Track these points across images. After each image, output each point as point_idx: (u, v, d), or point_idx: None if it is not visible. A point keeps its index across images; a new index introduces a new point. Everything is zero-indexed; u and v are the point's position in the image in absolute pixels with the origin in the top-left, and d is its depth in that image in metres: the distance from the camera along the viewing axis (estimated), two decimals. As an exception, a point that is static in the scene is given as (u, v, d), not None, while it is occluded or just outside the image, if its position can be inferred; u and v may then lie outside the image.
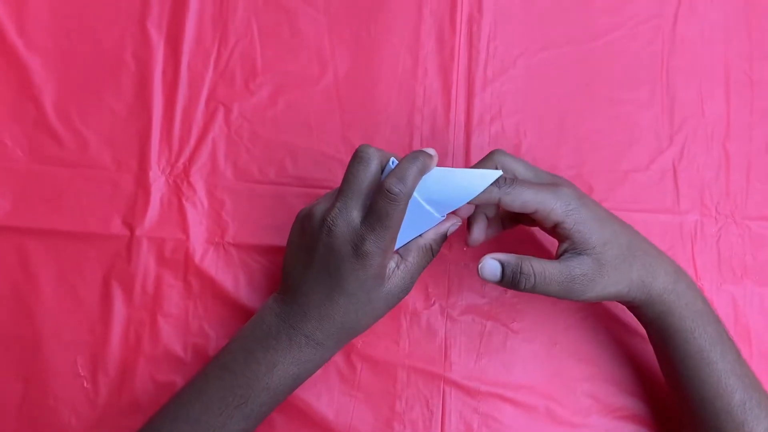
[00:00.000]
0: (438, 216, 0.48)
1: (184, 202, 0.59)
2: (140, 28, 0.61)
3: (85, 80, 0.60)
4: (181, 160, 0.59)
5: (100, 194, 0.58)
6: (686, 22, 0.63)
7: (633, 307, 0.52)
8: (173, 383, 0.56)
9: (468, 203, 0.47)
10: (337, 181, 0.59)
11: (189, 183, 0.59)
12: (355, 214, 0.46)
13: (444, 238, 0.50)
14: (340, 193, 0.47)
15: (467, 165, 0.60)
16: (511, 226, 0.54)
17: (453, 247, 0.59)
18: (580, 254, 0.48)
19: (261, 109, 0.60)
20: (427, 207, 0.47)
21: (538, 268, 0.47)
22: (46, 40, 0.61)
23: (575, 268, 0.47)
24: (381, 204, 0.45)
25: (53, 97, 0.60)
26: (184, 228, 0.58)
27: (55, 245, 0.57)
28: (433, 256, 0.50)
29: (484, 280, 0.49)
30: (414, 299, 0.58)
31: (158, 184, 0.59)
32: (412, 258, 0.49)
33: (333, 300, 0.47)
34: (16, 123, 0.59)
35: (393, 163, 0.47)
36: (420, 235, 0.49)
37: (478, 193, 0.47)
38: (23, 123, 0.59)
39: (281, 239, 0.58)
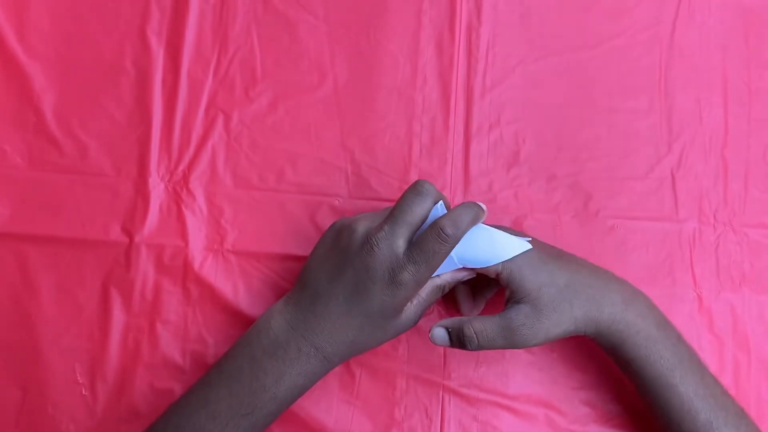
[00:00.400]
0: (458, 264, 0.50)
1: (183, 209, 0.59)
2: (140, 35, 0.61)
3: (85, 87, 0.60)
4: (181, 167, 0.59)
5: (100, 201, 0.58)
6: (684, 30, 0.63)
7: (589, 338, 0.52)
8: (172, 390, 0.56)
9: None
10: (337, 188, 0.59)
11: (188, 190, 0.59)
12: (401, 243, 0.47)
13: (456, 283, 0.52)
14: (390, 218, 0.48)
15: (465, 173, 0.60)
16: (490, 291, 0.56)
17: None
18: (518, 302, 0.49)
19: (261, 116, 0.60)
20: (452, 254, 0.49)
21: (478, 327, 0.49)
22: (47, 47, 0.61)
23: (514, 319, 0.49)
24: (431, 241, 0.47)
25: (53, 104, 0.60)
26: (183, 235, 0.58)
27: (55, 252, 0.57)
28: (441, 294, 0.52)
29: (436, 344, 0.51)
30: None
31: (158, 191, 0.59)
32: (426, 295, 0.50)
33: (352, 317, 0.48)
34: (16, 130, 0.59)
35: (441, 206, 0.49)
36: (438, 276, 0.50)
37: (504, 259, 0.49)
38: (23, 130, 0.59)
39: (280, 246, 0.58)
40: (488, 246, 0.49)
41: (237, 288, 0.58)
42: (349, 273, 0.48)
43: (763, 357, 0.58)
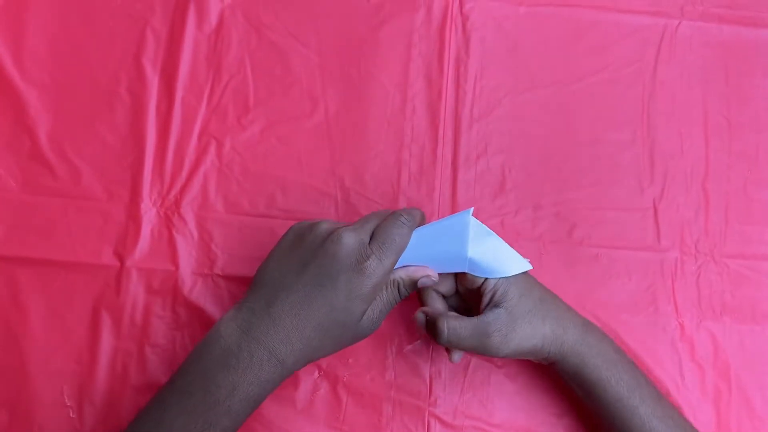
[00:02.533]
0: (467, 269, 0.51)
1: (174, 233, 0.59)
2: (135, 63, 0.62)
3: (80, 113, 0.61)
4: (173, 193, 0.60)
5: (92, 225, 0.59)
6: (666, 66, 0.65)
7: (551, 363, 0.53)
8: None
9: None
10: (327, 214, 0.60)
11: (180, 215, 0.60)
12: (366, 236, 0.49)
13: (414, 285, 0.51)
14: (357, 221, 0.51)
15: (453, 201, 0.61)
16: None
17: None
18: (498, 306, 0.50)
19: (252, 143, 0.62)
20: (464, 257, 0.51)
21: (452, 324, 0.50)
22: (43, 74, 0.62)
23: (491, 323, 0.50)
24: (391, 227, 0.49)
25: (48, 129, 0.61)
26: (174, 259, 0.59)
27: (45, 275, 0.58)
28: (400, 297, 0.51)
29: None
30: (400, 332, 0.58)
31: (149, 215, 0.59)
32: (385, 297, 0.50)
33: (312, 314, 0.47)
34: (11, 154, 0.60)
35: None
36: (398, 273, 0.51)
37: (508, 275, 0.51)
38: (17, 154, 0.60)
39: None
40: (498, 257, 0.51)
41: (226, 312, 0.58)
42: (313, 266, 0.47)
43: (744, 385, 0.59)
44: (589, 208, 0.62)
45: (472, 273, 0.51)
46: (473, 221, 0.51)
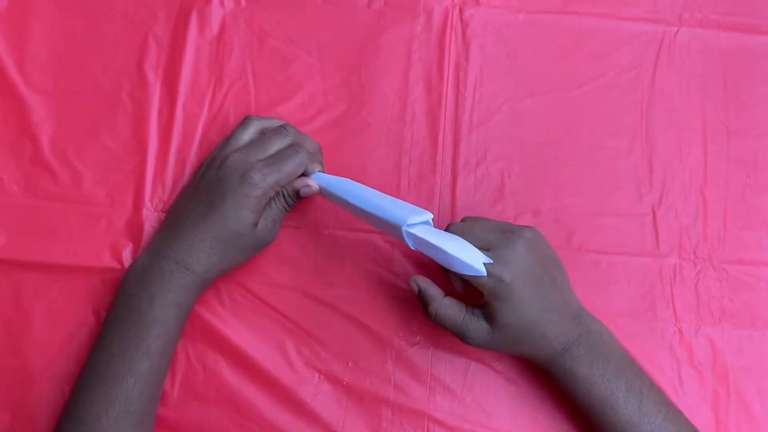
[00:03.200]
0: (403, 225, 0.51)
1: (175, 238, 0.60)
2: (138, 69, 0.63)
3: (83, 118, 0.62)
4: (174, 198, 0.60)
5: (94, 229, 0.59)
6: (665, 73, 0.65)
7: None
8: (161, 417, 0.56)
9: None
10: (325, 219, 0.61)
11: (181, 220, 0.60)
12: (254, 156, 0.55)
13: (296, 194, 0.56)
14: (259, 140, 0.57)
15: (452, 207, 0.61)
16: None
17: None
18: (483, 319, 0.52)
19: (253, 149, 0.62)
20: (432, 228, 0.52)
21: (441, 312, 0.52)
22: (46, 79, 0.62)
23: (472, 330, 0.52)
24: (283, 155, 0.55)
25: (50, 135, 0.61)
26: (175, 264, 0.59)
27: (47, 278, 0.58)
28: (288, 205, 0.57)
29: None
30: (400, 336, 0.59)
31: (151, 220, 0.60)
32: (272, 205, 0.56)
33: (208, 226, 0.53)
34: (13, 159, 0.61)
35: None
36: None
37: (462, 271, 0.51)
38: (20, 159, 0.61)
39: (270, 277, 0.59)
40: (461, 248, 0.50)
41: (226, 317, 0.58)
42: (203, 188, 0.56)
43: (742, 390, 0.59)
44: (588, 213, 0.62)
45: (413, 247, 0.52)
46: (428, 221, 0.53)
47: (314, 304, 0.59)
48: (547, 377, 0.56)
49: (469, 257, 0.50)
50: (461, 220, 0.55)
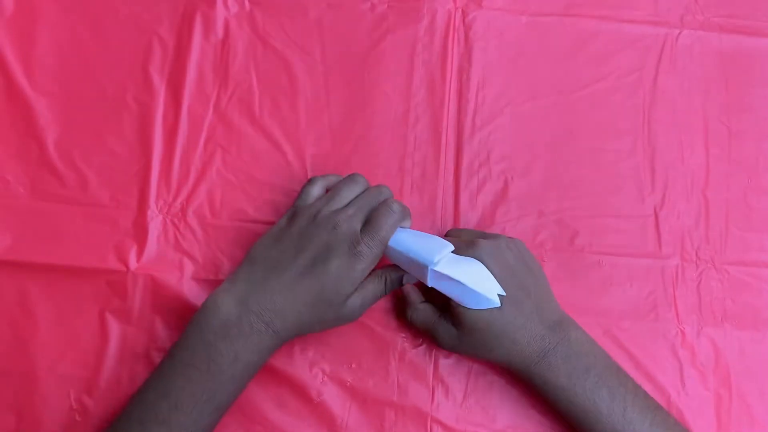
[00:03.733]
0: (430, 265, 0.52)
1: (180, 240, 0.60)
2: (143, 72, 0.63)
3: (88, 121, 0.62)
4: (179, 200, 0.61)
5: (99, 231, 0.60)
6: (667, 75, 0.66)
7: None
8: (165, 418, 0.56)
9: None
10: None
11: (186, 222, 0.60)
12: (358, 224, 0.53)
13: (399, 281, 0.56)
14: (352, 204, 0.54)
15: (455, 209, 0.62)
16: None
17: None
18: (452, 323, 0.54)
19: (258, 151, 0.62)
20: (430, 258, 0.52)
21: (415, 316, 0.56)
22: (52, 83, 0.63)
23: (441, 333, 0.55)
24: (381, 218, 0.53)
25: (56, 137, 0.62)
26: (180, 266, 0.59)
27: (53, 280, 0.59)
28: (386, 291, 0.55)
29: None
30: (403, 338, 0.59)
31: (156, 222, 0.60)
32: (369, 284, 0.54)
33: (305, 293, 0.51)
34: (19, 161, 0.61)
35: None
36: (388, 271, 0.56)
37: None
38: (26, 161, 0.61)
39: (274, 278, 0.60)
40: (480, 278, 0.52)
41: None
42: (308, 249, 0.51)
43: (744, 392, 0.59)
44: (591, 215, 0.62)
45: (438, 289, 0.53)
46: (450, 253, 0.53)
47: (318, 306, 0.59)
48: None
49: (485, 288, 0.51)
50: (445, 234, 0.58)
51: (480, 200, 0.62)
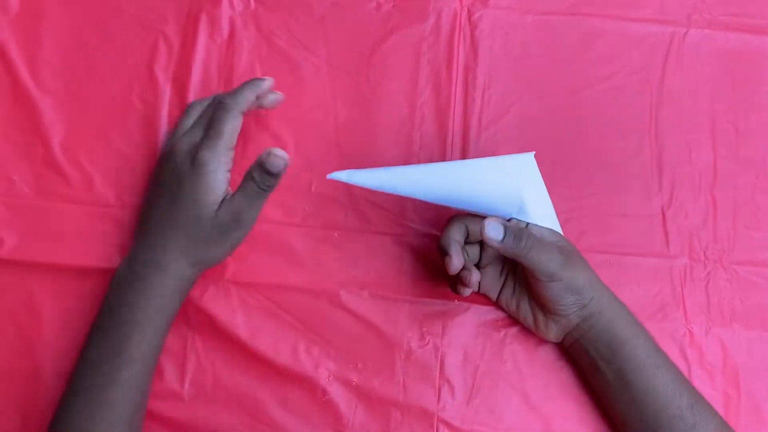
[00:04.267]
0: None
1: (185, 240, 0.60)
2: (148, 72, 0.63)
3: (94, 121, 0.62)
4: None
5: (104, 231, 0.60)
6: (674, 74, 0.65)
7: (584, 325, 0.54)
8: (171, 418, 0.56)
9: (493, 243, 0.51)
10: (335, 221, 0.61)
11: (191, 221, 0.60)
12: (198, 137, 0.55)
13: (263, 168, 0.51)
14: (189, 120, 0.57)
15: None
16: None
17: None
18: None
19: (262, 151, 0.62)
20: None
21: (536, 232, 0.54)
22: (57, 82, 0.63)
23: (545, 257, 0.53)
24: (215, 114, 0.54)
25: (61, 137, 0.62)
26: (185, 265, 0.59)
27: (58, 279, 0.59)
28: (258, 185, 0.52)
29: (489, 239, 0.51)
30: (408, 337, 0.59)
31: (161, 222, 0.60)
32: (242, 187, 0.52)
33: (171, 216, 0.53)
34: (25, 161, 0.61)
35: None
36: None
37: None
38: (31, 161, 0.61)
39: (279, 277, 0.60)
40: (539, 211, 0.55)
41: (236, 317, 0.58)
42: (161, 183, 0.55)
43: (752, 391, 0.59)
44: (598, 215, 0.62)
45: (518, 218, 0.54)
46: (532, 166, 0.54)
47: (324, 305, 0.59)
48: (565, 381, 0.58)
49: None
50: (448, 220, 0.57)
51: (486, 199, 0.62)
